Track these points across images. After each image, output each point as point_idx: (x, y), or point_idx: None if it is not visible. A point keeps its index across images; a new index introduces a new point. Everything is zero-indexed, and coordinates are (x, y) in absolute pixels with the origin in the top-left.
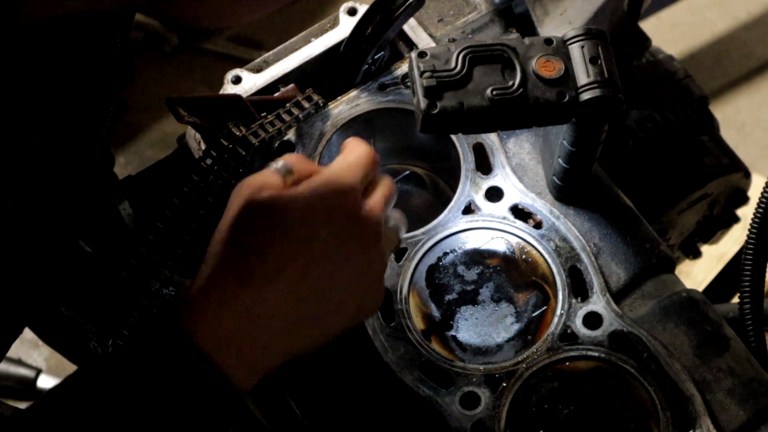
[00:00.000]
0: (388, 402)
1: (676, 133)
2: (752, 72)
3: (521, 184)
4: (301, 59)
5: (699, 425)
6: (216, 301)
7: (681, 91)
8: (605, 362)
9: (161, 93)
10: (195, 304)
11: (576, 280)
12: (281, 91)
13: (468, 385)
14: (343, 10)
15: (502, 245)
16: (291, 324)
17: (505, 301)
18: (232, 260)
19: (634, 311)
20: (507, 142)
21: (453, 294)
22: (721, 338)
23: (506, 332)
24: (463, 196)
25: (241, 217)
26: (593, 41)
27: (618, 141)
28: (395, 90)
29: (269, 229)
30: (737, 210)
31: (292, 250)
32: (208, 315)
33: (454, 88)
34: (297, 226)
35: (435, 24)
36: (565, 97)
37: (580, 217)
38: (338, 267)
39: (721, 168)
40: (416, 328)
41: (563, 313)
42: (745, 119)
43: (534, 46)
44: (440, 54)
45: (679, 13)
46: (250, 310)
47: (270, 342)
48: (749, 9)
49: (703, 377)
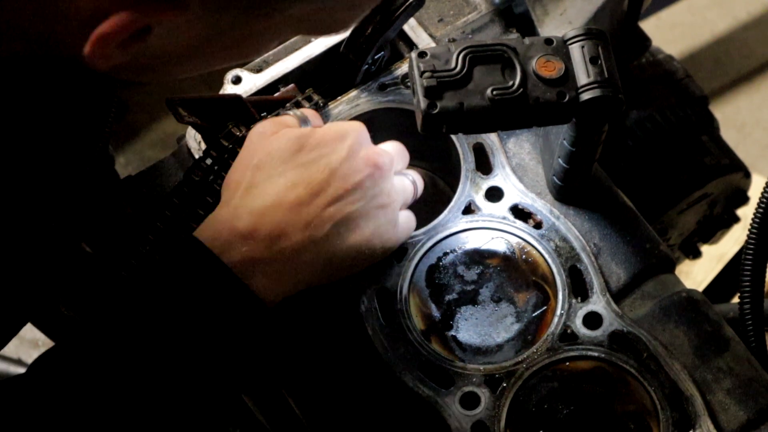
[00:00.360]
0: (388, 402)
1: (676, 133)
2: (752, 72)
3: (521, 184)
4: (301, 59)
5: (699, 425)
6: (241, 218)
7: (681, 91)
8: (605, 362)
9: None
10: (220, 225)
11: (576, 280)
12: (281, 91)
13: (468, 385)
14: None
15: (502, 245)
16: (315, 244)
17: (505, 301)
18: (253, 185)
19: (634, 311)
20: (507, 142)
21: (453, 294)
22: (721, 338)
23: (506, 332)
24: (463, 196)
25: (258, 142)
26: (593, 41)
27: (618, 141)
28: (395, 90)
29: (287, 153)
30: (737, 210)
31: (312, 173)
32: (234, 234)
33: (455, 88)
34: (314, 154)
35: (435, 24)
36: (565, 97)
37: (580, 217)
38: (351, 192)
39: (721, 168)
40: (416, 328)
41: (563, 313)
42: (745, 119)
43: (534, 46)
44: (440, 54)
45: (679, 13)
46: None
47: (296, 261)
48: (749, 9)
49: (703, 377)
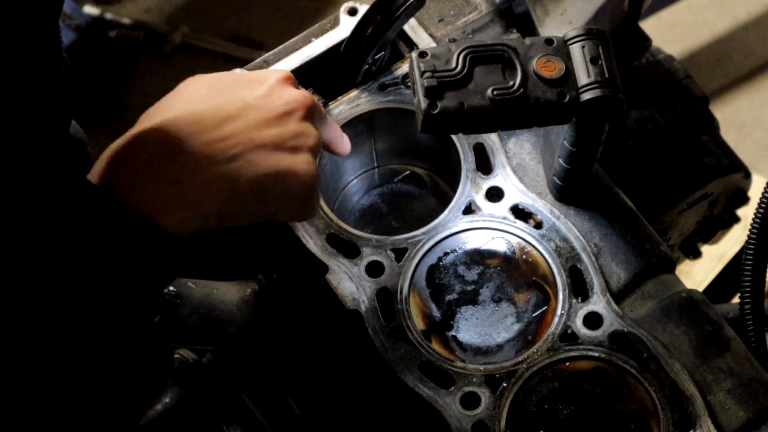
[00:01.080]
0: (388, 402)
1: (677, 134)
2: (752, 72)
3: (522, 185)
4: (301, 59)
5: (699, 425)
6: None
7: (681, 91)
8: (605, 362)
9: (161, 93)
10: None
11: (576, 280)
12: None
13: (468, 385)
14: (343, 10)
15: (503, 245)
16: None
17: (505, 301)
18: (149, 117)
19: (635, 311)
20: (507, 142)
21: (453, 294)
22: (721, 338)
23: (506, 332)
24: (463, 196)
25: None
26: (594, 41)
27: (618, 141)
28: (396, 90)
29: (201, 91)
30: (737, 210)
31: (222, 104)
32: (114, 156)
33: (455, 88)
34: (229, 91)
35: (435, 24)
36: (566, 97)
37: (581, 218)
38: (265, 124)
39: (721, 168)
40: (416, 328)
41: (563, 313)
42: (745, 119)
43: (534, 46)
44: (441, 54)
45: (679, 13)
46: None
47: (192, 182)
48: (749, 9)
49: (703, 377)
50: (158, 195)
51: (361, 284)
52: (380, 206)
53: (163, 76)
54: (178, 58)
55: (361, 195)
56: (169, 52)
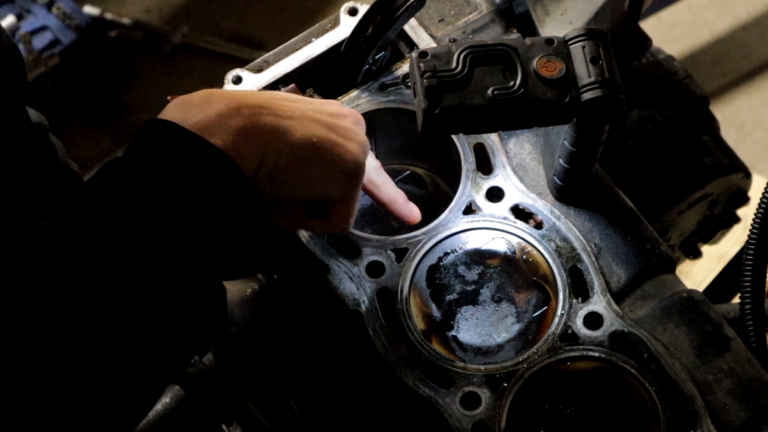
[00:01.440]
0: (389, 402)
1: (677, 134)
2: (752, 72)
3: (522, 185)
4: (301, 59)
5: (699, 425)
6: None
7: (681, 91)
8: (606, 362)
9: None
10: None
11: (577, 280)
12: (282, 91)
13: (468, 386)
14: (343, 10)
15: (503, 245)
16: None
17: (505, 302)
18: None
19: (635, 311)
20: (508, 143)
21: (454, 294)
22: (721, 338)
23: (507, 332)
24: (463, 197)
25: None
26: (594, 41)
27: (618, 141)
28: (396, 90)
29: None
30: (737, 210)
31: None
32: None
33: (455, 88)
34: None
35: (436, 24)
36: (566, 97)
37: (581, 218)
38: (322, 109)
39: (721, 168)
40: (417, 328)
41: (564, 314)
42: (745, 119)
43: (535, 46)
44: (441, 54)
45: (679, 13)
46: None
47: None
48: (749, 9)
49: (703, 377)
50: (224, 134)
51: (361, 284)
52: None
53: (163, 76)
54: (178, 58)
55: (361, 195)
56: (169, 52)
